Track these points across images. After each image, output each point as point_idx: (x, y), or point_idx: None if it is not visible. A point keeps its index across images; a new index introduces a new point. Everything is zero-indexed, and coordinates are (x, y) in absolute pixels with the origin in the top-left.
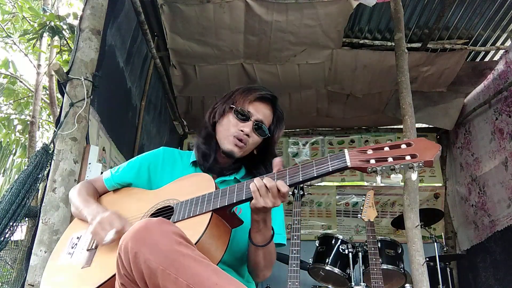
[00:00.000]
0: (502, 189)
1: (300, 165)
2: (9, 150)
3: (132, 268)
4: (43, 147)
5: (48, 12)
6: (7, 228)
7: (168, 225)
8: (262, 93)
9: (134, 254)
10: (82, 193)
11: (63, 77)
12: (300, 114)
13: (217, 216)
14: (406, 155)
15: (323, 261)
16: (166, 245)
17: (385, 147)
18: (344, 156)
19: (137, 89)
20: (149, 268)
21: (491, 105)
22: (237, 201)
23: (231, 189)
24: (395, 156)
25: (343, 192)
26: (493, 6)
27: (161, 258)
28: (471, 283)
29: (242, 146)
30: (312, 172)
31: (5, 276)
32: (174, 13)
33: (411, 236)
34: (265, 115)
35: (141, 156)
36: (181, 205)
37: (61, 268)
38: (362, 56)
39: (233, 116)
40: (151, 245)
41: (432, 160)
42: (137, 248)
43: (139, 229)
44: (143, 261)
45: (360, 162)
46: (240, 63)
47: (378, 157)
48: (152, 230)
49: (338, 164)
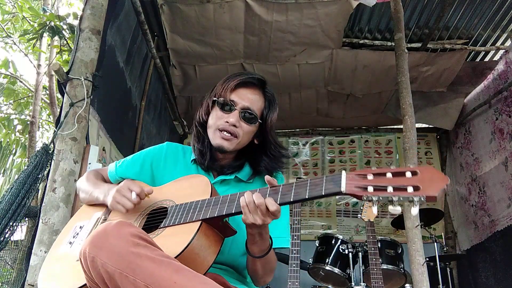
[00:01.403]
0: (502, 189)
1: (294, 184)
2: (9, 150)
3: (92, 272)
4: (43, 147)
5: (48, 12)
6: (7, 228)
7: (126, 227)
8: (243, 78)
9: (92, 259)
10: (91, 178)
11: (63, 77)
12: (300, 114)
13: (207, 225)
14: (408, 186)
15: (323, 261)
16: (123, 247)
17: (387, 173)
18: (340, 179)
19: (137, 89)
20: (107, 272)
21: (491, 105)
22: (226, 213)
23: (223, 199)
24: (396, 186)
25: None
26: (493, 6)
27: (118, 261)
28: (471, 283)
29: (230, 138)
30: (304, 193)
31: (5, 276)
32: (174, 13)
33: (411, 236)
34: (252, 101)
35: (145, 151)
36: (175, 209)
37: (59, 258)
38: (362, 56)
39: (218, 108)
40: (107, 249)
41: (436, 196)
42: (94, 253)
43: (96, 234)
44: (100, 266)
45: (356, 189)
46: (240, 63)
47: (378, 185)
48: (109, 234)
49: (332, 188)
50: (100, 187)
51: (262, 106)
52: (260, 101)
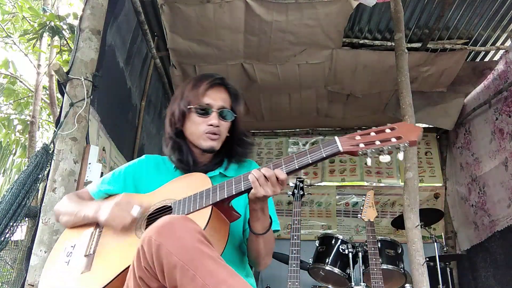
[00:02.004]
0: (502, 189)
1: (294, 155)
2: (9, 150)
3: (154, 260)
4: (43, 147)
5: (48, 12)
6: (7, 228)
7: (191, 223)
8: (210, 80)
9: (157, 247)
10: (73, 199)
11: (63, 77)
12: (300, 114)
13: (216, 210)
14: (392, 138)
15: (323, 261)
16: (189, 241)
17: (371, 132)
18: (335, 142)
19: (137, 89)
20: (170, 262)
21: (491, 105)
22: (236, 193)
23: (228, 183)
24: (382, 139)
25: (343, 192)
26: (493, 6)
27: (183, 253)
28: (471, 283)
29: (217, 138)
30: (307, 159)
31: (5, 276)
32: (174, 13)
33: (411, 236)
34: (223, 99)
35: (124, 166)
36: (179, 203)
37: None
38: (362, 56)
39: (196, 115)
40: (174, 240)
41: (416, 140)
42: (160, 240)
43: (163, 224)
44: (165, 254)
45: (351, 147)
46: (240, 63)
47: (367, 141)
48: (176, 226)
49: (330, 149)
50: (87, 205)
51: (230, 101)
52: (228, 97)
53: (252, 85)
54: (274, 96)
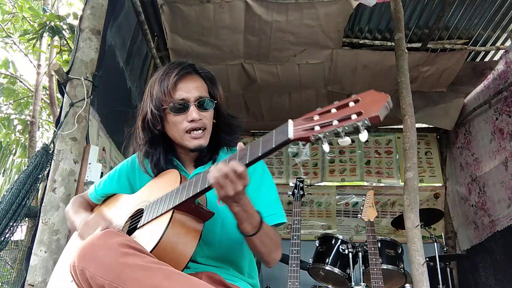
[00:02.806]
0: (502, 189)
1: (248, 145)
2: (9, 150)
3: (82, 285)
4: (43, 147)
5: (48, 12)
6: (7, 228)
7: (114, 237)
8: (175, 72)
9: (80, 272)
10: (75, 207)
11: (63, 77)
12: (300, 114)
13: (180, 212)
14: (352, 114)
15: (323, 261)
16: (111, 258)
17: (332, 109)
18: (286, 128)
19: (137, 89)
20: (96, 284)
21: (491, 105)
22: (193, 194)
23: (189, 183)
24: (341, 118)
25: (343, 192)
26: (493, 6)
27: (107, 272)
28: (471, 283)
29: (202, 135)
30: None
31: (5, 276)
32: (174, 13)
33: (411, 236)
34: (197, 88)
35: (119, 166)
36: (149, 207)
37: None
38: (362, 56)
39: (172, 114)
40: (95, 261)
41: (379, 116)
42: (82, 265)
43: (84, 246)
44: (90, 278)
45: (303, 132)
46: (240, 63)
47: (323, 122)
48: (97, 245)
49: (280, 139)
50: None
51: (206, 88)
52: (203, 84)
53: (252, 85)
54: (274, 96)
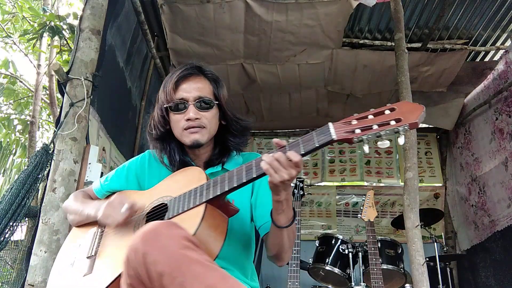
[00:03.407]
0: (502, 189)
1: (287, 145)
2: (9, 150)
3: (141, 269)
4: (43, 147)
5: (48, 12)
6: (7, 228)
7: (177, 229)
8: (177, 73)
9: (142, 255)
10: (79, 198)
11: (63, 77)
12: (300, 114)
13: (211, 206)
14: (391, 120)
15: (323, 261)
16: (174, 248)
17: (369, 115)
18: (328, 129)
19: (137, 89)
20: (156, 270)
21: (491, 105)
22: (229, 188)
23: (221, 178)
24: (380, 123)
25: (343, 192)
26: (493, 6)
27: (169, 261)
28: (471, 283)
29: (199, 131)
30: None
31: (5, 276)
32: (174, 13)
33: (411, 236)
34: (199, 89)
35: (128, 162)
36: (175, 201)
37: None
38: (362, 56)
39: (172, 113)
40: (159, 248)
41: (417, 122)
42: (146, 249)
43: (148, 231)
44: (151, 263)
45: (346, 134)
46: (240, 63)
47: (363, 126)
48: (161, 233)
49: (324, 138)
50: (90, 204)
51: (210, 88)
52: (206, 85)
53: (252, 85)
54: (274, 96)
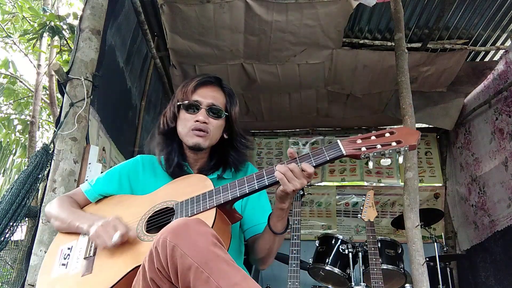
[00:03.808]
0: (502, 189)
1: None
2: (9, 150)
3: (168, 262)
4: (43, 147)
5: (48, 12)
6: (7, 228)
7: (205, 226)
8: (199, 79)
9: (172, 248)
10: (65, 206)
11: (63, 77)
12: (300, 114)
13: (220, 212)
14: (392, 142)
15: (323, 261)
16: (203, 244)
17: (371, 136)
18: (338, 146)
19: (137, 89)
20: (184, 263)
21: (491, 105)
22: (240, 195)
23: (231, 185)
24: (383, 143)
25: (343, 192)
26: (493, 6)
27: (197, 255)
28: (471, 283)
29: (204, 135)
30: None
31: (5, 276)
32: (174, 13)
33: (411, 236)
34: (214, 98)
35: (119, 166)
36: (182, 205)
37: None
38: (362, 56)
39: (184, 111)
40: (189, 242)
41: (416, 144)
42: (175, 242)
43: (178, 225)
44: (179, 255)
45: (354, 150)
46: (240, 63)
47: (368, 145)
48: (191, 228)
49: (334, 153)
50: (81, 217)
51: (224, 101)
52: (221, 96)
53: (252, 85)
54: (274, 96)
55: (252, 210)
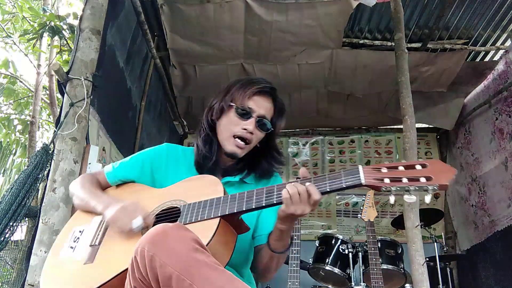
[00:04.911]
0: (502, 189)
1: (312, 178)
2: (9, 150)
3: (148, 272)
4: (43, 147)
5: (48, 12)
6: (7, 228)
7: (185, 231)
8: (260, 86)
9: (150, 258)
10: (87, 185)
11: (63, 77)
12: (300, 114)
13: (224, 222)
14: (421, 177)
15: (323, 261)
16: (183, 250)
17: (399, 166)
18: (358, 172)
19: (137, 89)
20: (164, 272)
21: (491, 105)
22: (246, 209)
23: (240, 196)
24: (410, 177)
25: (343, 192)
26: (493, 6)
27: (177, 263)
28: (471, 283)
29: (244, 147)
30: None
31: (5, 276)
32: (174, 13)
33: (411, 236)
34: (266, 109)
35: (144, 152)
36: (188, 207)
37: (62, 263)
38: (362, 56)
39: (234, 114)
40: (168, 250)
41: (447, 185)
42: (153, 251)
43: (156, 233)
44: (159, 265)
45: (375, 181)
46: (240, 63)
47: (393, 177)
48: (170, 235)
49: (352, 180)
50: (98, 197)
51: (273, 114)
52: (272, 109)
53: None
54: None
55: (266, 218)
